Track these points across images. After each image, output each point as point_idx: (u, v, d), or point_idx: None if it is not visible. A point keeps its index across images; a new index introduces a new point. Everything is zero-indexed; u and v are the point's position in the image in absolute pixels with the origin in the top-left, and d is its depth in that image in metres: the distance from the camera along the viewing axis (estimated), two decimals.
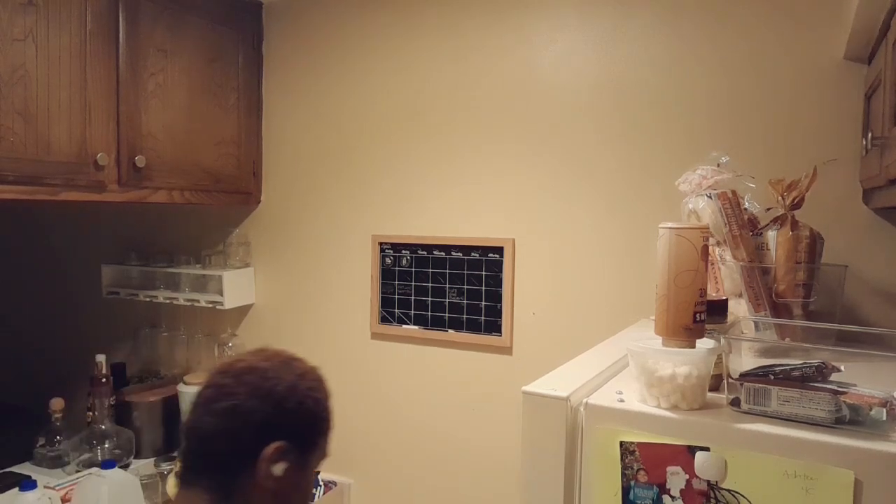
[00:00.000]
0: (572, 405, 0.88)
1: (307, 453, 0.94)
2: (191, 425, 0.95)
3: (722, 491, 0.78)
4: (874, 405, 0.75)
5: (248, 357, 0.98)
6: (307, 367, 1.00)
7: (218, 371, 0.97)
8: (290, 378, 0.94)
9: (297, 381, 0.95)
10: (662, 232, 0.90)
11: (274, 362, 0.97)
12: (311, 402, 0.95)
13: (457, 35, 1.86)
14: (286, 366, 0.97)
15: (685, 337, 0.87)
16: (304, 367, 0.99)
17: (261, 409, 0.90)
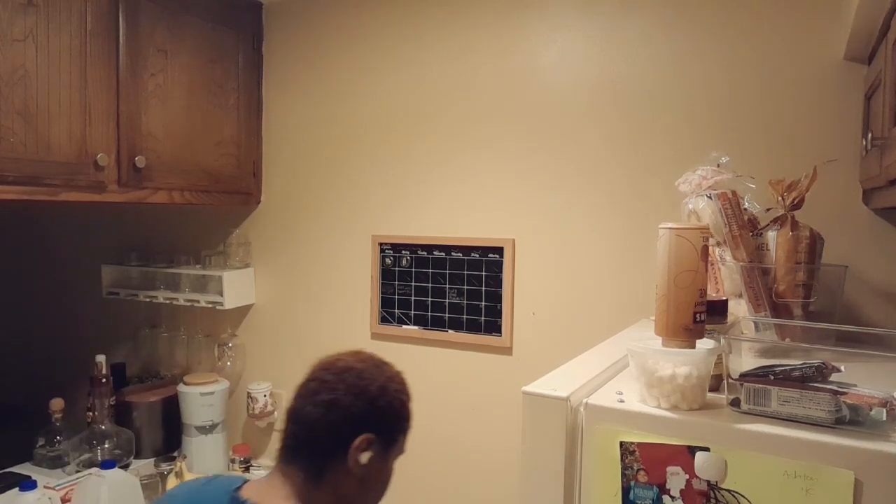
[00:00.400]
0: (572, 405, 0.88)
1: (389, 447, 1.07)
2: (295, 412, 1.09)
3: (722, 491, 0.78)
4: (874, 405, 0.75)
5: (347, 357, 1.12)
6: (395, 372, 1.12)
7: (320, 367, 1.11)
8: (382, 380, 1.08)
9: (386, 383, 1.08)
10: (662, 232, 0.90)
11: (368, 364, 1.10)
12: (398, 402, 1.09)
13: (457, 35, 1.86)
14: (378, 368, 1.10)
15: (685, 337, 0.87)
16: (392, 371, 1.12)
17: (356, 404, 1.04)
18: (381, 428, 1.05)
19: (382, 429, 1.06)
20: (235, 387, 2.23)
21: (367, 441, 1.03)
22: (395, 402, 1.08)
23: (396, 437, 1.09)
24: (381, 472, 1.08)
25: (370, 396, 1.05)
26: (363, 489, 1.07)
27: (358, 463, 1.03)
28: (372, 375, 1.08)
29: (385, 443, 1.06)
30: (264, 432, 2.24)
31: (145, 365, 2.40)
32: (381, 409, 1.05)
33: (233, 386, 2.21)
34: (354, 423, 1.03)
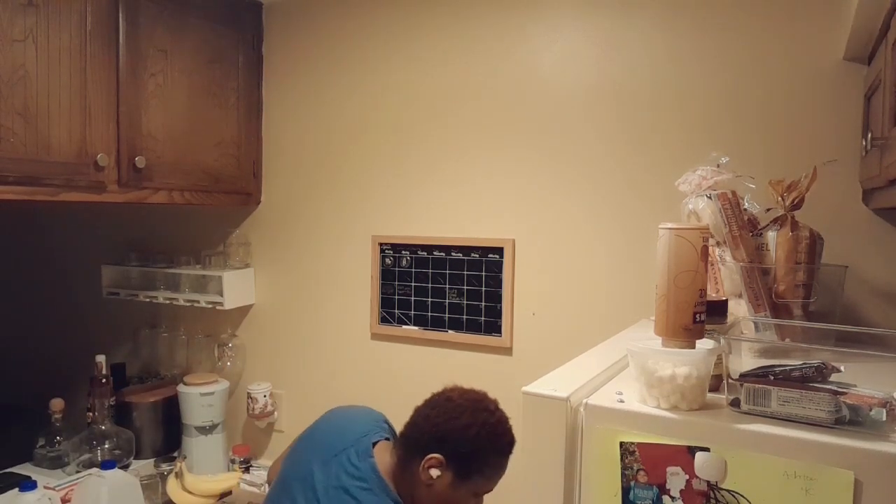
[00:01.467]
0: (572, 405, 0.88)
1: (461, 478, 1.23)
2: (415, 410, 1.31)
3: (722, 491, 0.78)
4: (874, 405, 0.75)
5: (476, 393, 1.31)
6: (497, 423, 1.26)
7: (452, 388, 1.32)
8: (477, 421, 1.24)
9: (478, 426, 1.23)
10: (662, 232, 0.90)
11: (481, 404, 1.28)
12: (479, 444, 1.23)
13: (456, 35, 1.86)
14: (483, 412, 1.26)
15: (685, 337, 0.87)
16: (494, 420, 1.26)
17: (443, 426, 1.24)
18: (455, 457, 1.22)
19: (456, 458, 1.22)
20: (235, 387, 2.23)
21: (435, 460, 1.22)
22: (476, 443, 1.22)
23: (470, 473, 1.23)
24: (444, 496, 1.23)
25: (460, 428, 1.23)
26: (429, 501, 1.25)
27: (425, 474, 1.22)
28: (476, 417, 1.24)
29: (457, 472, 1.22)
30: (264, 432, 2.24)
31: (145, 365, 2.40)
32: (460, 440, 1.22)
33: (233, 386, 2.21)
34: (434, 441, 1.23)
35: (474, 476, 1.24)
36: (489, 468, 1.25)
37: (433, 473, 1.22)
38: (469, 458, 1.23)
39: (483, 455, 1.24)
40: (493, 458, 1.25)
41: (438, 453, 1.22)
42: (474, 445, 1.23)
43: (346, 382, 2.07)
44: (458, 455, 1.22)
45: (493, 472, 1.26)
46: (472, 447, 1.23)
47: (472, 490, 1.25)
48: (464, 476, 1.23)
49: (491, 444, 1.24)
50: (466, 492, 1.25)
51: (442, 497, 1.24)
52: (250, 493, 1.96)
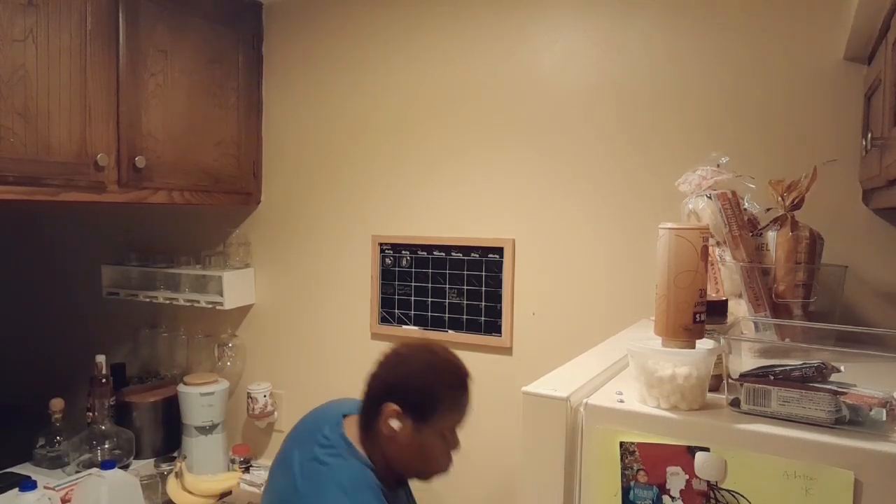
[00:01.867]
0: (572, 405, 0.88)
1: (420, 423, 1.23)
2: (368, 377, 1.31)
3: (722, 491, 0.78)
4: (874, 405, 0.75)
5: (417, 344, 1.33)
6: (446, 364, 1.28)
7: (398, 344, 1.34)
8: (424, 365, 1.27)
9: (427, 369, 1.26)
10: (662, 232, 0.90)
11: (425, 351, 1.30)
12: (428, 386, 1.24)
13: (457, 35, 1.86)
14: (430, 355, 1.29)
15: (685, 337, 0.87)
16: (442, 362, 1.28)
17: (396, 375, 1.26)
18: (409, 403, 1.22)
19: (410, 404, 1.22)
20: (235, 387, 2.23)
21: (391, 410, 1.22)
22: (425, 382, 1.24)
23: (427, 414, 1.23)
24: (413, 444, 1.23)
25: (406, 377, 1.26)
26: (400, 454, 1.25)
27: (386, 427, 1.23)
28: (419, 359, 1.28)
29: (415, 417, 1.22)
30: (264, 432, 2.24)
31: (145, 365, 2.40)
32: (409, 385, 1.24)
33: (233, 386, 2.21)
34: (386, 391, 1.25)
35: (433, 416, 1.24)
36: (445, 405, 1.25)
37: (393, 425, 1.23)
38: (422, 399, 1.24)
39: (434, 393, 1.24)
40: (447, 393, 1.25)
41: (391, 402, 1.23)
42: (423, 386, 1.24)
43: (346, 382, 2.06)
44: (411, 400, 1.23)
45: (452, 408, 1.26)
46: (422, 388, 1.24)
47: (436, 431, 1.25)
48: (422, 418, 1.23)
49: (440, 380, 1.26)
50: (431, 433, 1.24)
51: (411, 446, 1.24)
52: (250, 493, 1.96)
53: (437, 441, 1.26)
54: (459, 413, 1.28)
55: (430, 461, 1.28)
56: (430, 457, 1.27)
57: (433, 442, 1.25)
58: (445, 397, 1.25)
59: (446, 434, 1.27)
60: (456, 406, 1.27)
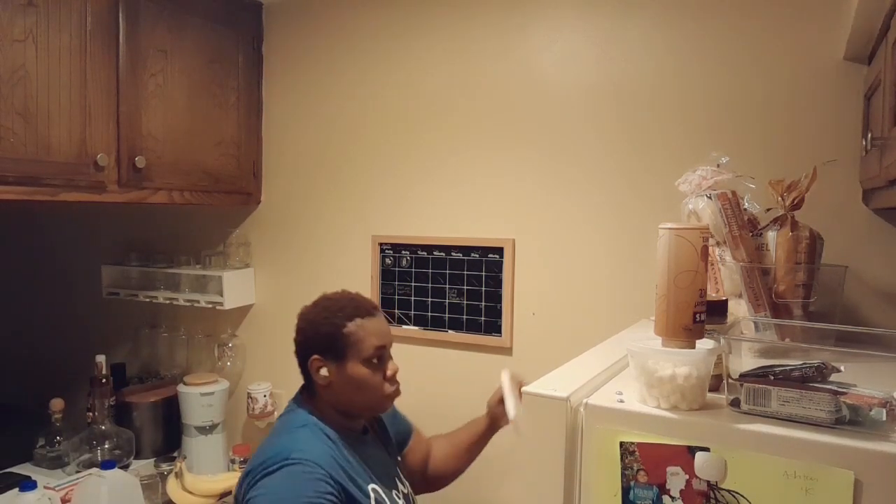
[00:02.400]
0: (572, 405, 0.88)
1: (341, 360, 1.30)
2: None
3: (722, 491, 0.78)
4: (874, 405, 0.75)
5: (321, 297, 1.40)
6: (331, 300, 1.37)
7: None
8: (315, 311, 1.35)
9: (317, 314, 1.34)
10: (662, 232, 0.90)
11: (316, 302, 1.38)
12: (328, 326, 1.31)
13: (457, 35, 1.86)
14: (318, 302, 1.37)
15: (685, 337, 0.87)
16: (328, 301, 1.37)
17: (301, 335, 1.35)
18: (324, 348, 1.30)
19: (325, 349, 1.30)
20: (235, 387, 2.23)
21: (314, 361, 1.31)
22: (324, 327, 1.31)
23: (340, 350, 1.29)
24: (347, 382, 1.30)
25: (310, 328, 1.33)
26: (342, 396, 1.32)
27: (318, 378, 1.31)
28: (314, 307, 1.36)
29: (334, 357, 1.30)
30: (264, 432, 2.24)
31: (145, 365, 2.40)
32: (314, 334, 1.32)
33: (233, 386, 2.21)
34: (303, 349, 1.33)
35: (346, 350, 1.29)
36: (352, 336, 1.30)
37: (322, 374, 1.30)
38: (328, 339, 1.30)
39: (336, 329, 1.30)
40: (347, 325, 1.30)
41: (313, 355, 1.31)
42: (324, 327, 1.31)
43: None
44: (322, 344, 1.30)
45: (360, 337, 1.30)
46: (325, 330, 1.31)
47: (358, 362, 1.29)
48: (339, 357, 1.29)
49: (336, 315, 1.31)
50: (354, 366, 1.29)
51: (346, 385, 1.30)
52: None
53: (364, 371, 1.30)
54: (371, 338, 1.31)
55: (369, 390, 1.31)
56: (365, 387, 1.31)
57: (362, 373, 1.30)
58: (348, 329, 1.30)
59: (372, 361, 1.31)
60: (363, 333, 1.31)
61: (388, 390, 1.34)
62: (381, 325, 1.36)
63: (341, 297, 1.38)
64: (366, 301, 1.39)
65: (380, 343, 1.33)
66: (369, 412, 1.41)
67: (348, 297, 1.38)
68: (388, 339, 1.37)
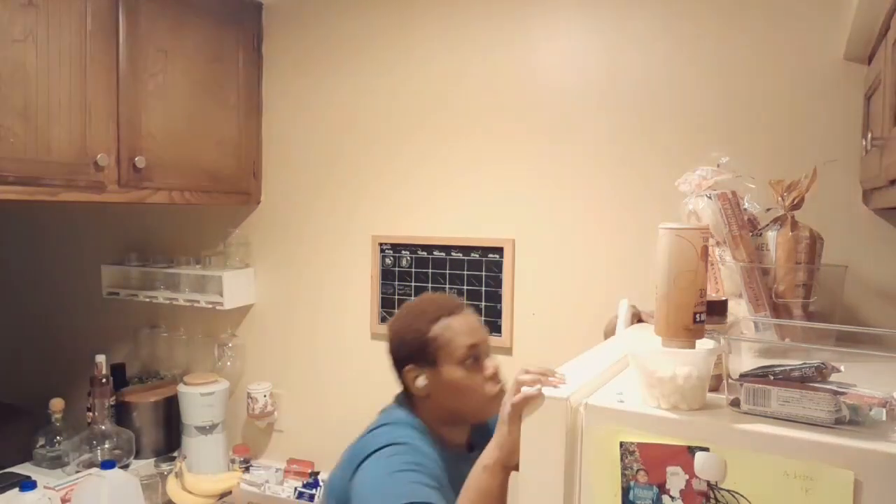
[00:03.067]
0: (572, 405, 0.88)
1: (435, 367, 1.24)
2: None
3: (722, 491, 0.78)
4: (874, 405, 0.75)
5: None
6: (410, 308, 1.33)
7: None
8: (399, 322, 1.32)
9: (401, 324, 1.31)
10: (662, 233, 0.90)
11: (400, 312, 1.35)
12: (413, 333, 1.27)
13: (457, 36, 1.86)
14: (401, 312, 1.34)
15: (685, 337, 0.87)
16: (408, 308, 1.33)
17: (392, 348, 1.31)
18: (415, 358, 1.26)
19: (416, 358, 1.26)
20: (235, 387, 2.23)
21: (409, 373, 1.27)
22: (409, 335, 1.27)
23: (433, 356, 1.24)
24: (445, 389, 1.24)
25: (397, 339, 1.29)
26: (444, 404, 1.26)
27: (416, 389, 1.26)
28: (400, 314, 1.33)
29: (428, 364, 1.25)
30: (264, 432, 2.24)
31: (145, 365, 2.40)
32: (407, 346, 1.27)
33: (233, 386, 2.21)
34: (396, 361, 1.30)
35: (437, 354, 1.24)
36: (440, 339, 1.25)
37: (419, 384, 1.25)
38: (419, 345, 1.25)
39: (423, 334, 1.25)
40: (432, 328, 1.25)
41: (406, 366, 1.27)
42: (412, 333, 1.27)
43: (346, 382, 2.07)
44: (414, 352, 1.26)
45: (448, 338, 1.25)
46: (413, 336, 1.26)
47: (454, 363, 1.24)
48: (432, 362, 1.25)
49: (420, 319, 1.27)
50: (450, 370, 1.24)
51: (444, 392, 1.25)
52: (250, 493, 1.96)
53: (460, 374, 1.24)
54: (460, 337, 1.25)
55: (468, 394, 1.25)
56: (464, 391, 1.24)
57: (458, 376, 1.24)
58: (433, 332, 1.25)
59: (466, 362, 1.25)
60: (450, 334, 1.25)
61: (491, 391, 1.26)
62: (469, 321, 1.29)
63: (422, 300, 1.34)
64: (449, 300, 1.33)
65: (471, 341, 1.26)
66: (475, 418, 1.31)
67: (429, 299, 1.34)
68: (480, 337, 1.29)
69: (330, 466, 1.28)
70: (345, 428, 2.06)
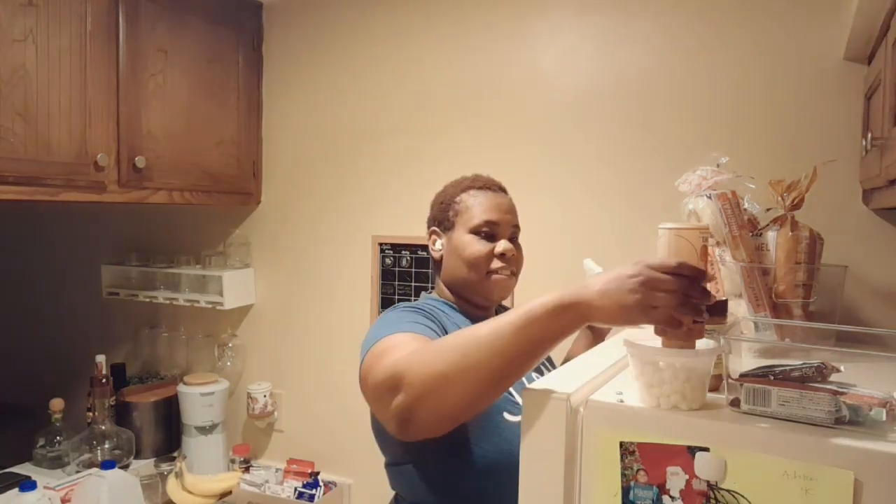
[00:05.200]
0: (572, 405, 0.88)
1: (448, 230, 1.27)
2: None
3: (722, 491, 0.78)
4: (874, 405, 0.75)
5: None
6: (463, 175, 1.34)
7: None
8: (445, 188, 1.33)
9: (444, 189, 1.33)
10: (662, 232, 0.90)
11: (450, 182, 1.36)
12: (443, 196, 1.31)
13: (457, 35, 1.86)
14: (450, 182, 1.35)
15: (685, 337, 0.87)
16: (462, 176, 1.34)
17: (431, 209, 1.34)
18: (439, 220, 1.30)
19: (439, 220, 1.30)
20: (235, 387, 2.23)
21: (432, 234, 1.31)
22: (440, 199, 1.31)
23: (450, 222, 1.27)
24: (453, 249, 1.26)
25: (433, 204, 1.34)
26: (452, 270, 1.27)
27: (434, 251, 1.31)
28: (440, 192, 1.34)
29: (443, 227, 1.28)
30: (264, 432, 2.24)
31: (145, 365, 2.40)
32: (435, 209, 1.32)
33: (233, 386, 2.21)
34: (428, 226, 1.33)
35: (455, 218, 1.26)
36: (461, 204, 1.26)
37: (436, 246, 1.29)
38: (442, 209, 1.29)
39: (448, 198, 1.29)
40: (458, 194, 1.28)
41: (430, 229, 1.32)
42: (441, 198, 1.31)
43: (346, 382, 2.07)
44: (437, 217, 1.30)
45: (470, 206, 1.25)
46: (440, 200, 1.30)
47: (466, 230, 1.24)
48: (449, 226, 1.27)
49: (454, 187, 1.30)
50: (462, 234, 1.24)
51: (452, 256, 1.26)
52: (250, 493, 1.96)
53: (471, 240, 1.23)
54: (480, 209, 1.24)
55: (470, 263, 1.22)
56: (468, 259, 1.22)
57: (465, 240, 1.23)
58: (459, 197, 1.27)
59: (479, 234, 1.23)
60: (472, 202, 1.25)
61: (494, 266, 1.23)
62: (498, 200, 1.26)
63: (469, 175, 1.34)
64: (490, 179, 1.32)
65: (489, 217, 1.23)
66: (474, 294, 1.26)
67: (475, 174, 1.34)
68: (504, 218, 1.25)
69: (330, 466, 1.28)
70: (345, 428, 2.08)
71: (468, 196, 1.27)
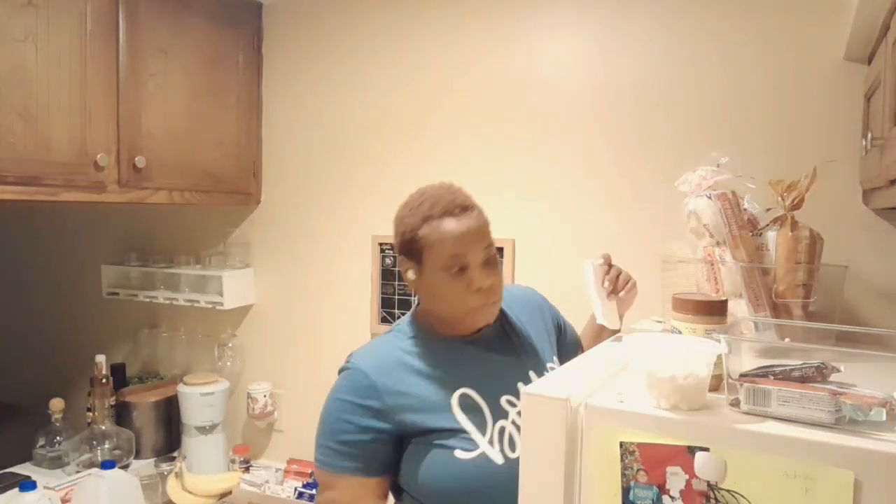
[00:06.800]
0: (572, 405, 0.88)
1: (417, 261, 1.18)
2: None
3: (721, 491, 0.78)
4: (874, 405, 0.75)
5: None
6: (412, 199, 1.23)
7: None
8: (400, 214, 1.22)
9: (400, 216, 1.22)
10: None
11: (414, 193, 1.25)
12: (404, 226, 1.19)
13: (457, 35, 1.86)
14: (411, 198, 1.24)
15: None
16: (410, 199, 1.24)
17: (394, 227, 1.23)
18: (404, 249, 1.20)
19: (406, 250, 1.19)
20: (235, 387, 2.23)
21: (402, 263, 1.22)
22: (401, 226, 1.20)
23: (419, 256, 1.16)
24: (427, 288, 1.19)
25: (395, 225, 1.22)
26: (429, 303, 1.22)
27: (408, 282, 1.22)
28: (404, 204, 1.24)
29: (413, 259, 1.18)
30: (264, 432, 2.24)
31: (145, 365, 2.40)
32: (399, 237, 1.20)
33: (233, 386, 2.21)
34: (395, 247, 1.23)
35: (422, 253, 1.15)
36: (426, 240, 1.14)
37: (409, 276, 1.20)
38: (407, 240, 1.17)
39: (411, 230, 1.16)
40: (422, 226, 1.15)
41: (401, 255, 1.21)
42: (404, 226, 1.18)
43: None
44: (403, 245, 1.19)
45: (433, 242, 1.14)
46: (404, 228, 1.18)
47: (436, 267, 1.14)
48: (417, 259, 1.16)
49: (414, 214, 1.17)
50: (432, 271, 1.15)
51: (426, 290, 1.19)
52: (250, 494, 1.96)
53: (443, 279, 1.15)
54: (445, 244, 1.13)
55: (449, 301, 1.16)
56: (445, 296, 1.16)
57: (440, 280, 1.15)
58: (421, 231, 1.15)
59: (452, 269, 1.14)
60: (436, 237, 1.14)
61: (473, 304, 1.15)
62: (463, 227, 1.15)
63: (427, 191, 1.21)
64: (453, 198, 1.18)
65: (455, 251, 1.13)
66: (458, 325, 1.21)
67: (433, 191, 1.20)
68: (471, 246, 1.15)
69: None
70: None
71: (430, 229, 1.15)
